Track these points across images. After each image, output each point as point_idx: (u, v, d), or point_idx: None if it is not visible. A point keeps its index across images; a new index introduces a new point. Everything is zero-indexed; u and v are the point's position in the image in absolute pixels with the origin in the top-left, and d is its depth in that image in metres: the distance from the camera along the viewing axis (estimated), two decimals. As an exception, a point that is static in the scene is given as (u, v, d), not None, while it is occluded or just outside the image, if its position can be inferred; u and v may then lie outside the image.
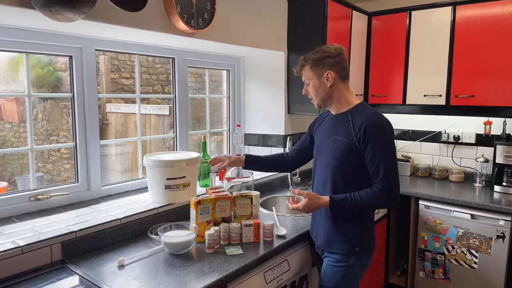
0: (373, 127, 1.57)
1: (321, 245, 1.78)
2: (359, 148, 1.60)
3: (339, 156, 1.65)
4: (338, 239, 1.70)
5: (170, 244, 1.62)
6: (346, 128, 1.65)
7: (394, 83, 3.14)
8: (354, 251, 1.69)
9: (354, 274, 1.72)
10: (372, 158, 1.58)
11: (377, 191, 1.58)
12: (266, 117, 2.96)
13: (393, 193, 1.59)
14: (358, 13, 3.04)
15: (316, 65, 1.68)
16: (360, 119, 1.61)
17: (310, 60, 1.69)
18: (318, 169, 1.80)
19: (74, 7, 1.38)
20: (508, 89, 2.62)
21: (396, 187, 1.60)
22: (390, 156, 1.59)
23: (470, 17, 2.73)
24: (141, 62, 2.33)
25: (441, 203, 2.67)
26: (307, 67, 1.71)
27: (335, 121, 1.73)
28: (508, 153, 2.69)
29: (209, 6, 2.08)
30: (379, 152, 1.56)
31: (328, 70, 1.66)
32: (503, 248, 2.45)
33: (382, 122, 1.61)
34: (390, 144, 1.60)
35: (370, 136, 1.56)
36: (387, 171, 1.57)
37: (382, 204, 1.65)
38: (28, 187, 1.87)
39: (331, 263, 1.73)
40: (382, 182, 1.57)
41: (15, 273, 1.43)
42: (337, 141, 1.67)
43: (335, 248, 1.71)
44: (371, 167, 1.60)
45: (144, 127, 3.65)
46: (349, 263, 1.70)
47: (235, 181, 2.13)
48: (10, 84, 2.14)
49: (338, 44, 1.71)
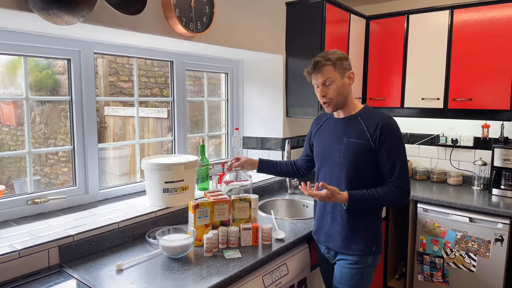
0: (389, 128, 1.65)
1: (337, 248, 1.77)
2: (374, 148, 1.66)
3: (354, 157, 1.68)
4: (356, 241, 1.72)
5: (168, 248, 1.61)
6: (359, 130, 1.69)
7: (392, 87, 3.15)
8: (371, 250, 1.73)
9: (371, 274, 1.77)
10: (388, 157, 1.65)
11: (392, 188, 1.66)
12: (265, 120, 2.96)
13: (406, 190, 1.67)
14: (356, 17, 3.05)
15: (340, 64, 1.68)
16: (374, 121, 1.67)
17: (332, 60, 1.66)
18: (326, 173, 1.79)
19: (73, 10, 1.38)
20: (506, 92, 2.63)
21: (409, 185, 1.69)
22: (403, 155, 1.68)
23: (467, 21, 2.75)
24: (139, 65, 2.33)
25: (440, 206, 2.67)
26: (330, 67, 1.66)
27: (343, 124, 1.76)
28: (506, 156, 2.69)
29: (208, 9, 2.08)
30: (395, 151, 1.65)
31: (350, 70, 1.72)
32: (501, 251, 2.45)
33: (395, 124, 1.70)
34: (403, 144, 1.70)
35: (387, 136, 1.64)
36: (402, 170, 1.66)
37: (396, 200, 1.69)
38: (25, 191, 1.86)
39: (348, 266, 1.74)
40: (398, 180, 1.65)
41: (12, 277, 1.42)
42: (351, 143, 1.70)
43: (354, 250, 1.73)
44: (386, 166, 1.66)
45: (142, 130, 3.64)
46: (366, 264, 1.73)
47: (233, 184, 2.12)
48: (8, 87, 2.13)
49: None
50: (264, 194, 2.69)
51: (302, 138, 3.12)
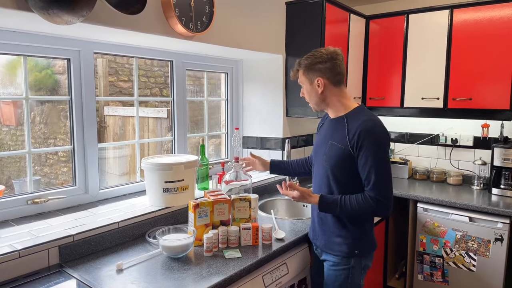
0: (367, 134, 1.55)
1: (321, 246, 1.78)
2: (353, 154, 1.59)
3: (334, 162, 1.65)
4: (338, 242, 1.70)
5: (168, 247, 1.61)
6: (341, 134, 1.64)
7: (392, 86, 3.15)
8: (353, 253, 1.69)
9: (356, 275, 1.72)
10: (364, 164, 1.56)
11: (368, 199, 1.57)
12: (265, 120, 2.96)
13: (383, 203, 1.56)
14: (356, 17, 3.05)
15: (308, 70, 1.68)
16: (355, 125, 1.59)
17: (302, 65, 1.70)
18: (315, 172, 1.82)
19: (73, 10, 1.37)
20: (506, 92, 2.63)
21: (386, 197, 1.56)
22: (382, 164, 1.57)
23: (467, 21, 2.75)
24: (139, 65, 2.33)
25: (440, 206, 2.67)
26: (301, 72, 1.72)
27: (333, 125, 1.73)
28: (505, 155, 2.69)
29: (208, 9, 2.08)
30: (371, 159, 1.55)
31: (318, 77, 1.65)
32: (501, 251, 2.45)
33: (377, 128, 1.58)
34: (383, 152, 1.58)
35: (364, 142, 1.55)
36: (378, 179, 1.55)
37: (372, 212, 1.63)
38: (25, 191, 1.86)
39: (332, 268, 1.73)
40: (373, 190, 1.56)
41: (12, 277, 1.42)
42: (333, 146, 1.66)
43: (335, 251, 1.71)
44: (363, 174, 1.59)
45: (142, 130, 3.64)
46: (349, 265, 1.70)
47: (233, 184, 2.12)
48: (8, 87, 2.13)
49: (334, 48, 1.69)
50: (264, 194, 2.69)
51: (302, 137, 3.12)
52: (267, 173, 2.91)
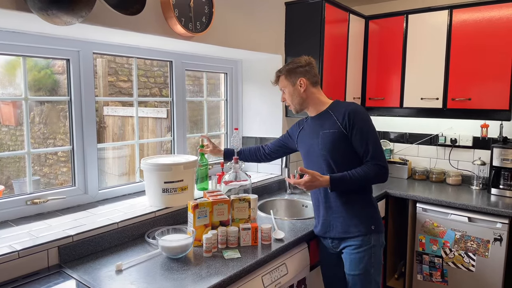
0: (356, 113, 1.79)
1: (338, 234, 1.86)
2: (346, 134, 1.79)
3: (331, 146, 1.82)
4: (354, 223, 1.83)
5: (168, 248, 1.61)
6: (330, 122, 1.84)
7: (391, 86, 3.15)
8: (371, 229, 1.82)
9: (378, 254, 1.85)
10: (361, 139, 1.78)
11: (370, 166, 1.77)
12: (264, 120, 2.96)
13: (383, 167, 1.79)
14: (355, 17, 3.05)
15: (290, 74, 1.91)
16: (341, 110, 1.82)
17: (283, 70, 1.93)
18: (312, 168, 1.88)
19: (72, 10, 1.37)
20: (505, 92, 2.63)
21: (385, 161, 1.81)
22: (374, 135, 1.81)
23: (466, 21, 2.75)
24: (138, 65, 2.32)
25: (439, 206, 2.68)
26: (282, 77, 1.94)
27: (318, 120, 1.91)
28: (505, 156, 2.70)
29: (207, 9, 2.08)
30: (365, 133, 1.78)
31: (300, 77, 1.89)
32: (500, 251, 2.46)
33: (360, 109, 1.84)
34: (372, 126, 1.82)
35: (355, 120, 1.77)
36: (376, 149, 1.78)
37: (376, 176, 1.79)
38: (24, 191, 1.86)
39: (354, 251, 1.83)
40: (374, 158, 1.78)
41: (12, 277, 1.43)
42: (325, 134, 1.84)
43: (354, 232, 1.82)
44: (360, 148, 1.79)
45: (141, 130, 3.64)
46: (370, 244, 1.81)
47: (232, 184, 2.12)
48: (7, 88, 2.13)
49: (308, 56, 1.93)
50: (264, 194, 2.69)
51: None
52: (267, 174, 2.92)
